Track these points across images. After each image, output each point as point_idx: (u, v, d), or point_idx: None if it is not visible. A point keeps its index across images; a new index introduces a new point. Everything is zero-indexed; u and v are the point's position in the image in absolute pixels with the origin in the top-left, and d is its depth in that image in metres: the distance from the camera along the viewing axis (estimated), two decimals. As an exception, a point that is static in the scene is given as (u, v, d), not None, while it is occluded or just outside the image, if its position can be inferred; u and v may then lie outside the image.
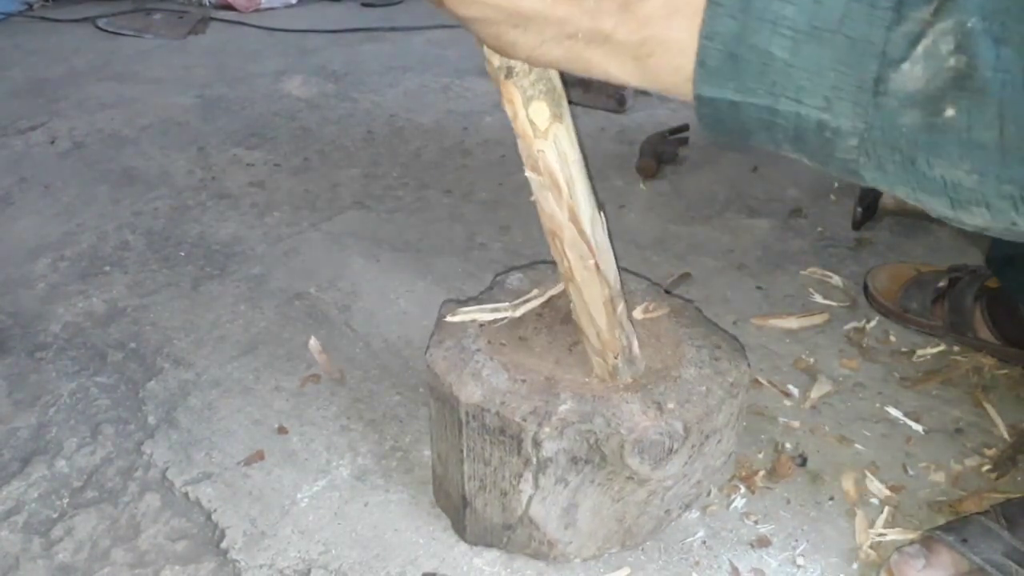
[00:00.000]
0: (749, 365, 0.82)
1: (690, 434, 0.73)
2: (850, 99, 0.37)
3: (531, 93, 0.57)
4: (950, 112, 0.35)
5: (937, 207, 0.39)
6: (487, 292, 0.89)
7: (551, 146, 0.60)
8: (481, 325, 0.82)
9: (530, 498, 0.76)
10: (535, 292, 0.86)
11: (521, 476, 0.74)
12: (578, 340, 0.78)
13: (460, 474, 0.79)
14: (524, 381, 0.75)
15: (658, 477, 0.75)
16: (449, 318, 0.82)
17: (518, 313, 0.83)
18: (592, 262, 0.68)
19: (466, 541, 0.84)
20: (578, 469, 0.73)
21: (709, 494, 0.89)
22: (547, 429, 0.71)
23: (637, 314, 0.85)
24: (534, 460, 0.73)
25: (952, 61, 0.34)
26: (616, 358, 0.74)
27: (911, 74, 0.35)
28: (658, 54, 0.41)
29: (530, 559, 0.82)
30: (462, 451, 0.77)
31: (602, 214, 0.68)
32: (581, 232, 0.66)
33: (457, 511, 0.84)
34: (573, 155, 0.62)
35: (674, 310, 0.87)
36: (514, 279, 0.90)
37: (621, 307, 0.73)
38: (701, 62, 0.39)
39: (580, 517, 0.78)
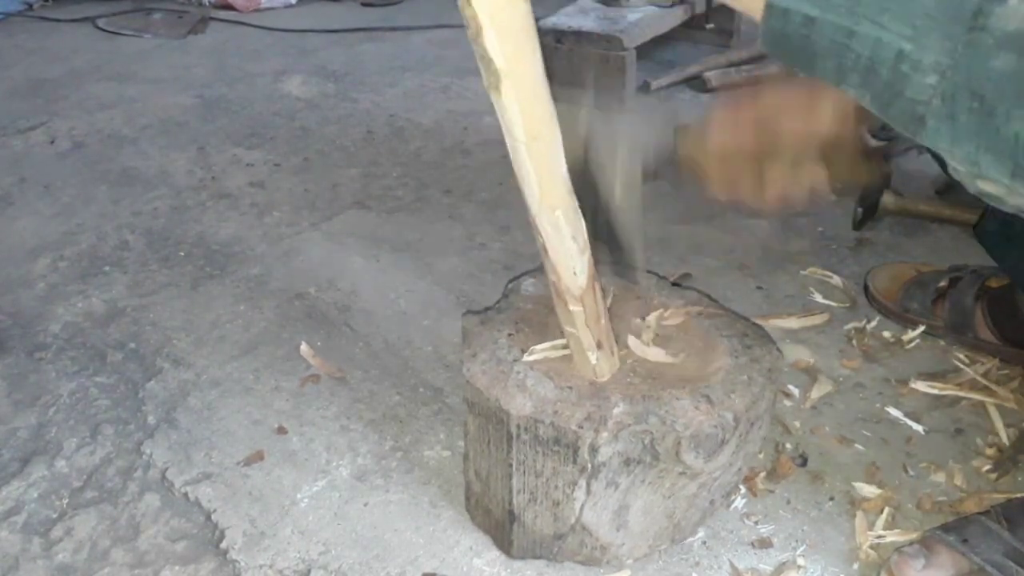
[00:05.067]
0: (779, 350, 0.82)
1: (739, 423, 0.73)
2: (941, 31, 0.33)
3: None
4: None
5: (994, 172, 0.36)
6: (504, 300, 0.87)
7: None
8: (510, 334, 0.81)
9: (582, 505, 0.75)
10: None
11: (575, 484, 0.73)
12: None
13: (507, 489, 0.78)
14: (571, 387, 0.74)
15: (709, 469, 0.75)
16: (525, 358, 0.78)
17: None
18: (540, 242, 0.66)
19: (511, 556, 0.83)
20: (629, 470, 0.73)
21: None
22: (604, 434, 0.70)
23: (651, 320, 0.84)
24: (589, 466, 0.72)
25: None
26: (593, 354, 0.74)
27: (1017, 11, 0.32)
28: None
29: (530, 561, 0.82)
30: (511, 465, 0.75)
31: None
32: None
33: (501, 527, 0.82)
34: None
35: (690, 303, 0.87)
36: (528, 284, 0.89)
37: (579, 303, 0.71)
38: None
39: (631, 518, 0.77)
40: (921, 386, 1.05)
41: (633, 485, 0.74)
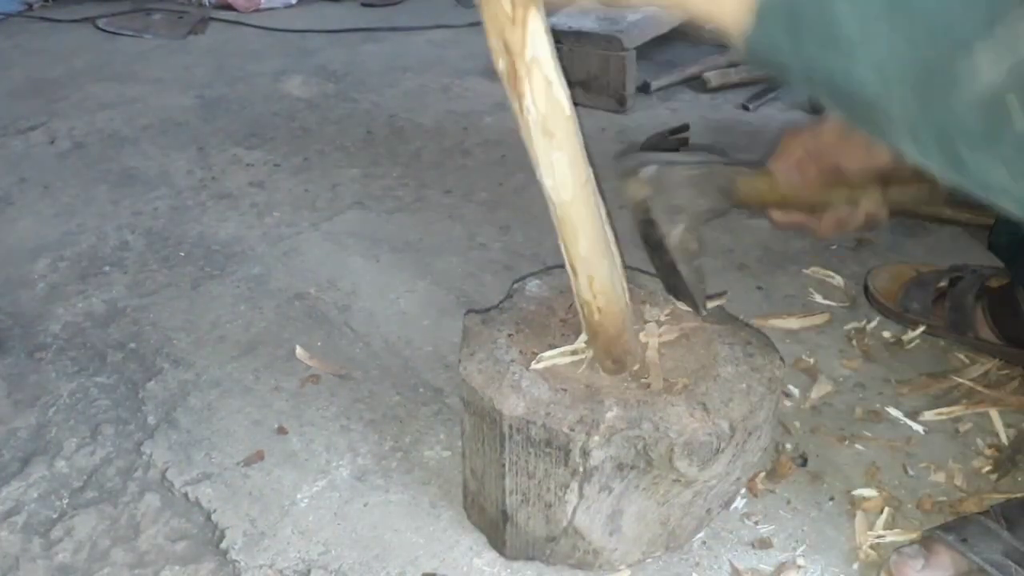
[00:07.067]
0: (782, 359, 0.81)
1: (735, 432, 0.73)
2: (909, 85, 0.36)
3: None
4: (1018, 119, 0.34)
5: (968, 188, 0.39)
6: (508, 300, 0.87)
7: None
8: (510, 335, 0.81)
9: (575, 508, 0.75)
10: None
11: (567, 487, 0.73)
12: None
13: (500, 489, 0.78)
14: (565, 390, 0.74)
15: (704, 478, 0.75)
16: (534, 365, 0.77)
17: (592, 353, 0.79)
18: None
19: (505, 556, 0.83)
20: (623, 475, 0.73)
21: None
22: (596, 438, 0.70)
23: (652, 341, 0.82)
24: (581, 470, 0.72)
25: None
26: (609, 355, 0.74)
27: (983, 68, 0.34)
28: None
29: (527, 562, 0.82)
30: (503, 466, 0.75)
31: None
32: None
33: (495, 526, 0.82)
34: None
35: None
36: (533, 286, 0.89)
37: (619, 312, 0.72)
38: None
39: (625, 523, 0.77)
40: (921, 387, 1.05)
41: (627, 490, 0.74)
